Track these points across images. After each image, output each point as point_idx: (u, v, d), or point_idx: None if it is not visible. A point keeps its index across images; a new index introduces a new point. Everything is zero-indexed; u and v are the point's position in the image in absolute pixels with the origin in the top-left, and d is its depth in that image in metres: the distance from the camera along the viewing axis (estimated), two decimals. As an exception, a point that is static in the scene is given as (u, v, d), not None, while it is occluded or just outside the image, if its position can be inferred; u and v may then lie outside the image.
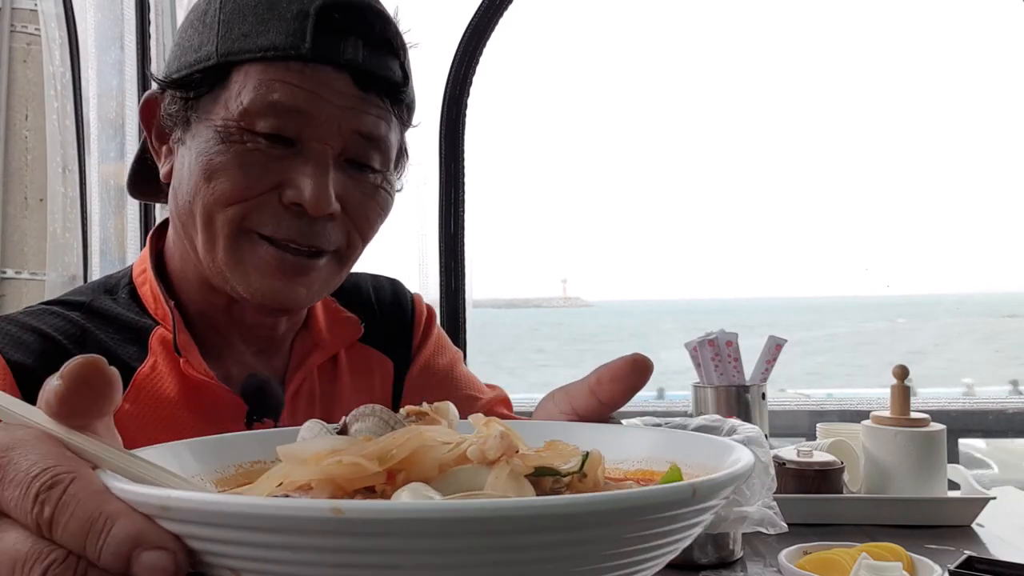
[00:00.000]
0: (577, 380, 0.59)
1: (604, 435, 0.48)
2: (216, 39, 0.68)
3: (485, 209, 28.56)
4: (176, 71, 0.72)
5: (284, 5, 0.68)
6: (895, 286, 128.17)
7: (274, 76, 0.67)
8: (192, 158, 0.70)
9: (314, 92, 0.68)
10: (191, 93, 0.70)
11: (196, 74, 0.70)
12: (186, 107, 0.71)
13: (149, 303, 0.77)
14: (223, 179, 0.68)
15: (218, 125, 0.68)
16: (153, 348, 0.74)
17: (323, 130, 0.69)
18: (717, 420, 1.25)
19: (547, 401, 0.64)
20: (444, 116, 2.05)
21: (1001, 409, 1.97)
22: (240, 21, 0.68)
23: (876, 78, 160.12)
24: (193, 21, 0.72)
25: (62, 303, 0.77)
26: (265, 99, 0.67)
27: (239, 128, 0.68)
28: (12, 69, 1.74)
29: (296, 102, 0.67)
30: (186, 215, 0.71)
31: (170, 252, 0.80)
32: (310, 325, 0.86)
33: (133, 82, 1.90)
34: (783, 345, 1.64)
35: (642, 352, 0.53)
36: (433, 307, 0.99)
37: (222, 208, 0.69)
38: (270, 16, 0.68)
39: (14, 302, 1.72)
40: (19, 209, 1.75)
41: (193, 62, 0.70)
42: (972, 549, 1.09)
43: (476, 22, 2.05)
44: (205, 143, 0.69)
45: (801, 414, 1.92)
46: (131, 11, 1.89)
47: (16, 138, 1.74)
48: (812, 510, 1.30)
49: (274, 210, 0.69)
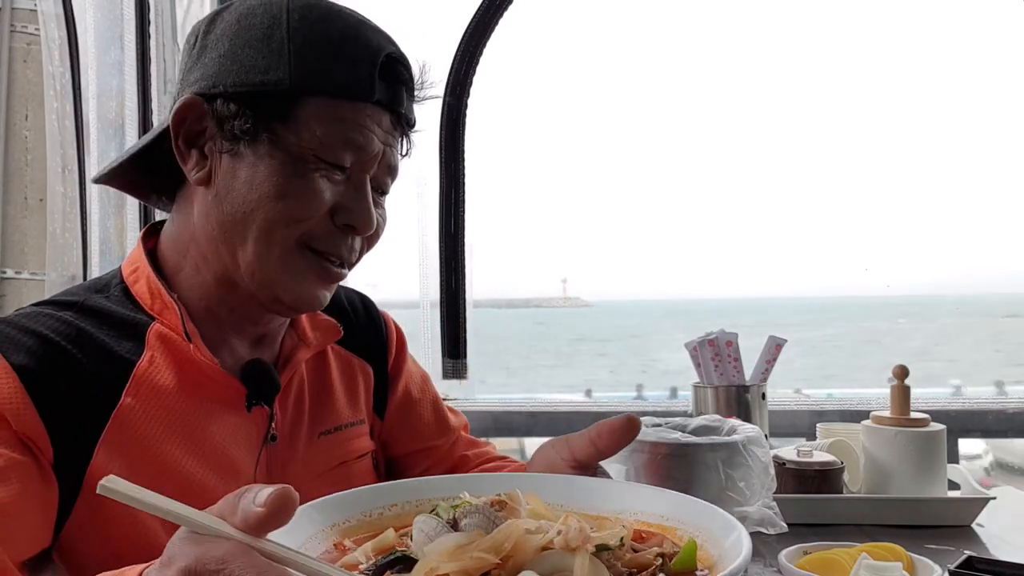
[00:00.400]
0: (576, 433, 0.77)
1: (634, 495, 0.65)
2: (288, 67, 0.74)
3: (485, 209, 28.62)
4: (237, 86, 0.75)
5: (351, 48, 0.76)
6: (895, 286, 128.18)
7: (348, 115, 0.76)
8: (255, 173, 0.75)
9: (371, 131, 0.78)
10: (257, 111, 0.75)
11: (264, 95, 0.75)
12: (247, 122, 0.75)
13: (144, 299, 0.80)
14: (294, 201, 0.75)
15: (292, 149, 0.75)
16: (150, 342, 0.77)
17: (370, 163, 0.79)
18: (717, 420, 1.25)
19: (547, 449, 0.80)
20: (444, 116, 2.05)
21: (1001, 409, 1.97)
22: (312, 54, 0.75)
23: (877, 76, 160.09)
24: (253, 41, 0.75)
25: (53, 303, 0.78)
26: (341, 135, 0.76)
27: (314, 157, 0.76)
28: (12, 69, 1.73)
29: (363, 141, 0.77)
30: (235, 222, 0.77)
31: (167, 251, 0.83)
32: (295, 324, 0.92)
33: (133, 82, 1.90)
34: (783, 345, 1.64)
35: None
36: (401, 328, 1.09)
37: (286, 225, 0.76)
38: (340, 56, 0.76)
39: (14, 302, 1.72)
40: (19, 209, 1.74)
41: (261, 83, 0.75)
42: (972, 549, 1.09)
43: (476, 22, 2.05)
44: (277, 163, 0.75)
45: (801, 414, 1.92)
46: (131, 11, 1.89)
47: (16, 138, 1.74)
48: (812, 510, 1.30)
49: (329, 230, 0.78)
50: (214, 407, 0.80)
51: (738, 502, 1.08)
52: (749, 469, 1.10)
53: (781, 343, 1.64)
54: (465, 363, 2.10)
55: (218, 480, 0.78)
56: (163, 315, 0.79)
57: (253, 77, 0.75)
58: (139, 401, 0.74)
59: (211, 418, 0.79)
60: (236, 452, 0.80)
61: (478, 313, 2.19)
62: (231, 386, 0.81)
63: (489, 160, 47.19)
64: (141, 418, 0.74)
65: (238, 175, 0.76)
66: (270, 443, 0.84)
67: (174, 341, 0.78)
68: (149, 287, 0.80)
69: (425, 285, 2.13)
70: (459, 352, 2.10)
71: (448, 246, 2.08)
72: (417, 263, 2.11)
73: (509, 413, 2.11)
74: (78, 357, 0.73)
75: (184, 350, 0.78)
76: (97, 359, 0.74)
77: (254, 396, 0.82)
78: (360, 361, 0.99)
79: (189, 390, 0.78)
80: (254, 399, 0.82)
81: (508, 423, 2.11)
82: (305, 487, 0.86)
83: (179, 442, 0.76)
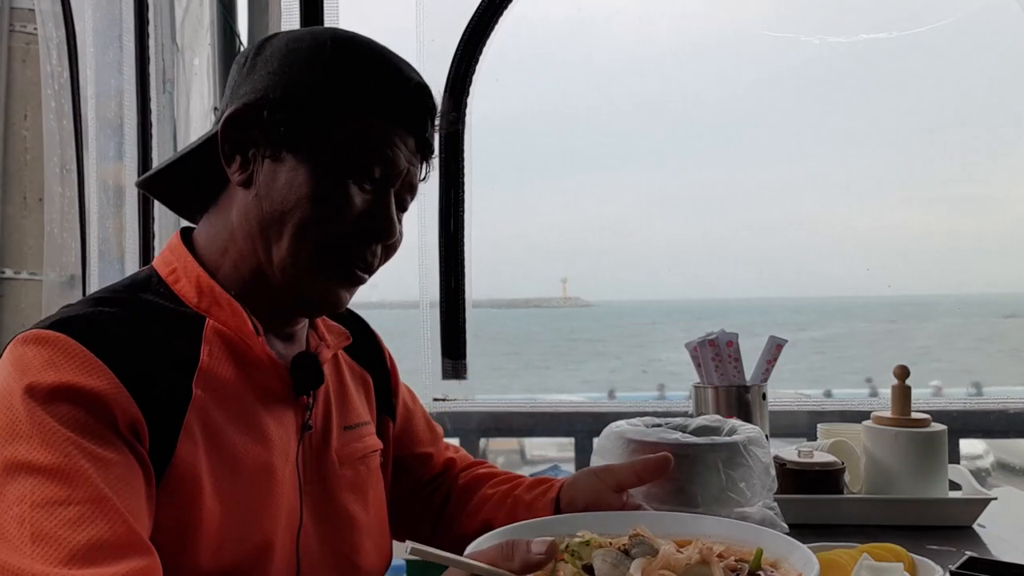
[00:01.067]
0: (616, 464, 0.98)
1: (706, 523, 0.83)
2: (330, 85, 0.83)
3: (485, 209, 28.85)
4: (284, 98, 0.83)
5: (385, 74, 0.86)
6: (896, 286, 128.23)
7: (380, 133, 0.84)
8: (295, 176, 0.82)
9: (399, 149, 0.85)
10: (299, 121, 0.82)
11: (307, 108, 0.82)
12: (291, 130, 0.82)
13: (190, 298, 0.84)
14: (329, 205, 0.82)
15: (329, 158, 0.82)
16: (208, 337, 0.82)
17: (396, 178, 0.86)
18: (717, 420, 1.25)
19: (590, 479, 0.98)
20: (444, 115, 2.04)
21: (1002, 409, 1.97)
22: (351, 76, 0.84)
23: (878, 74, 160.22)
24: (300, 62, 0.84)
25: (106, 301, 0.81)
26: (373, 150, 0.83)
27: (348, 167, 0.83)
28: (11, 69, 1.73)
29: (392, 157, 0.85)
30: (273, 220, 0.83)
31: (204, 251, 0.88)
32: (315, 324, 0.97)
33: (132, 82, 1.90)
34: (783, 345, 1.64)
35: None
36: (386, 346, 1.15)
37: (319, 226, 0.82)
38: (375, 81, 0.85)
39: (13, 302, 1.72)
40: (18, 209, 1.74)
41: (306, 97, 0.83)
42: (973, 550, 1.09)
43: (476, 22, 2.05)
44: (316, 169, 0.82)
45: (801, 414, 1.92)
46: (129, 11, 1.89)
47: (15, 138, 1.74)
48: (813, 510, 1.29)
49: (357, 238, 0.85)
50: (267, 397, 0.85)
51: (739, 503, 1.08)
52: (750, 469, 1.09)
53: (782, 343, 1.63)
54: (465, 363, 2.10)
55: (282, 463, 0.84)
56: (212, 312, 0.84)
57: (298, 91, 0.83)
58: (207, 393, 0.79)
59: (264, 407, 0.85)
60: (285, 440, 0.86)
61: (478, 313, 2.18)
62: (282, 378, 0.87)
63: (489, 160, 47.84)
64: (211, 409, 0.79)
65: (279, 178, 0.83)
66: (307, 432, 0.90)
67: (229, 336, 0.83)
68: (199, 286, 0.84)
69: (425, 285, 2.13)
70: (459, 352, 2.10)
71: (448, 246, 2.08)
72: (417, 263, 2.11)
73: (509, 413, 2.12)
74: (153, 350, 0.77)
75: (238, 344, 0.83)
76: (167, 353, 0.78)
77: (299, 388, 0.88)
78: (360, 369, 1.05)
79: (245, 382, 0.83)
80: (298, 391, 0.88)
81: (508, 423, 2.11)
82: (336, 476, 0.92)
83: (243, 430, 0.82)
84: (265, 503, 0.82)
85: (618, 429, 1.16)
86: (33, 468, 0.67)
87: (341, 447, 0.94)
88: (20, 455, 0.67)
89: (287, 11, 2.06)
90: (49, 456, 0.67)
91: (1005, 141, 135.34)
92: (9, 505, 0.66)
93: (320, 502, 0.90)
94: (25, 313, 1.73)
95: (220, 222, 0.87)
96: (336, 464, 0.92)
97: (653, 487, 1.09)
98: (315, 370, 0.90)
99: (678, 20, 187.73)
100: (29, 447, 0.67)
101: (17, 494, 0.66)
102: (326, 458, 0.92)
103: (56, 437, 0.68)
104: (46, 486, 0.66)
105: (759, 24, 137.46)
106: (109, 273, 1.86)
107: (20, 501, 0.66)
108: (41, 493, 0.66)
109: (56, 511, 0.65)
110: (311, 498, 0.89)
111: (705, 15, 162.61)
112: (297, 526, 0.86)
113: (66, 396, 0.69)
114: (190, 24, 2.08)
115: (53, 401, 0.69)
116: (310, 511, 0.88)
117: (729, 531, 0.81)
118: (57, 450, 0.67)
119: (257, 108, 0.83)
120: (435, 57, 2.06)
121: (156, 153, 1.94)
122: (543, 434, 2.17)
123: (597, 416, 2.02)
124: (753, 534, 0.79)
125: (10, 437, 0.68)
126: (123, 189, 1.90)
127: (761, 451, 1.11)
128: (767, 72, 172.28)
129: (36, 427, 0.68)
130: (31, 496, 0.66)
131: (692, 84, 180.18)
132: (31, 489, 0.66)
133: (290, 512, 0.85)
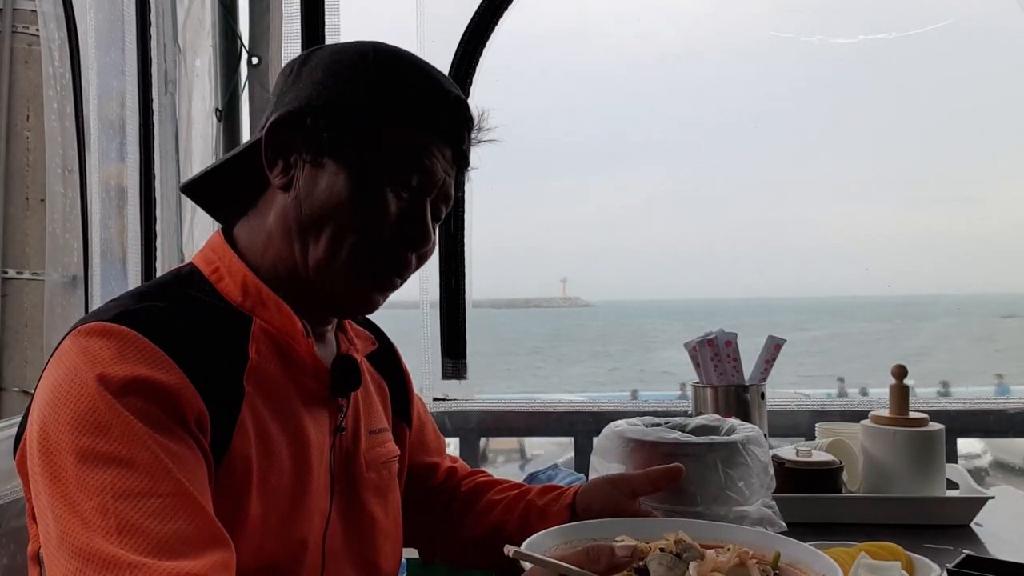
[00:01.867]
0: (630, 473, 1.03)
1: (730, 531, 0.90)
2: (372, 96, 0.85)
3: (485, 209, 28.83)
4: (328, 106, 0.85)
5: (426, 87, 0.87)
6: (896, 286, 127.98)
7: (418, 143, 0.86)
8: (336, 181, 0.84)
9: (436, 159, 0.87)
10: (342, 129, 0.84)
11: (350, 116, 0.85)
12: (333, 137, 0.84)
13: (234, 296, 0.85)
14: (366, 211, 0.84)
15: (369, 166, 0.84)
16: (255, 335, 0.83)
17: (432, 187, 0.88)
18: (716, 420, 1.25)
19: (605, 487, 1.01)
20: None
21: (1002, 409, 1.97)
22: (392, 88, 0.86)
23: (878, 75, 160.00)
24: (344, 72, 0.86)
25: (154, 296, 0.82)
26: (411, 159, 0.85)
27: (387, 176, 0.84)
28: (13, 70, 1.74)
29: (429, 166, 0.86)
30: (312, 222, 0.84)
31: (244, 251, 0.89)
32: (344, 328, 0.99)
33: (134, 83, 1.90)
34: (782, 345, 1.65)
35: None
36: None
37: (356, 231, 0.84)
38: (416, 93, 0.86)
39: (15, 302, 1.72)
40: (20, 209, 1.75)
41: (348, 106, 0.85)
42: (971, 548, 1.10)
43: (476, 22, 2.06)
44: (356, 176, 0.84)
45: (800, 414, 1.92)
46: (131, 12, 1.89)
47: (17, 139, 1.74)
48: (811, 509, 1.30)
49: (392, 246, 0.86)
50: (306, 397, 0.87)
51: (737, 501, 1.08)
52: (748, 469, 1.10)
53: (780, 343, 1.64)
54: (465, 363, 2.10)
55: (317, 462, 0.86)
56: (257, 311, 0.85)
57: (342, 100, 0.85)
58: (256, 390, 0.81)
59: (304, 407, 0.86)
60: (321, 440, 0.88)
61: (478, 313, 2.19)
62: (321, 379, 0.89)
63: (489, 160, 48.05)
64: (259, 406, 0.81)
65: (319, 183, 0.84)
66: (340, 433, 0.91)
67: (275, 336, 0.85)
68: (244, 285, 0.86)
69: (425, 285, 2.13)
70: (459, 352, 2.10)
71: (448, 246, 2.09)
72: (417, 263, 2.11)
73: (509, 413, 2.12)
74: (208, 346, 0.78)
75: (284, 344, 0.85)
76: (220, 349, 0.79)
77: (337, 389, 0.90)
78: (379, 376, 1.06)
79: (289, 382, 0.85)
80: (336, 392, 0.90)
81: (508, 423, 2.11)
82: (363, 479, 0.93)
83: (286, 428, 0.83)
84: (303, 501, 0.83)
85: (618, 429, 1.17)
86: (113, 459, 0.68)
87: (368, 450, 0.95)
88: (99, 446, 0.68)
89: (288, 13, 2.07)
90: (128, 448, 0.68)
91: (1005, 141, 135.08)
92: (91, 494, 0.66)
93: (347, 503, 0.91)
94: (28, 313, 1.73)
95: (259, 224, 0.89)
96: (364, 467, 0.94)
97: (653, 486, 1.09)
98: (355, 373, 0.92)
99: (678, 20, 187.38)
100: (108, 439, 0.68)
101: (98, 484, 0.67)
102: (355, 460, 0.93)
103: (133, 429, 0.69)
104: (128, 477, 0.67)
105: (759, 24, 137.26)
106: (111, 273, 1.86)
107: (102, 491, 0.66)
108: (123, 484, 0.67)
109: (140, 502, 0.66)
110: (339, 498, 0.90)
111: (705, 15, 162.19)
112: (325, 525, 0.88)
113: (138, 389, 0.71)
114: (192, 26, 2.08)
115: (127, 394, 0.70)
116: (338, 511, 0.90)
117: (757, 540, 0.88)
118: (136, 442, 0.68)
119: (301, 115, 0.85)
120: (435, 57, 2.06)
121: (158, 154, 1.94)
122: (543, 433, 2.16)
123: (597, 416, 2.02)
124: (778, 543, 0.87)
125: (87, 427, 0.69)
126: (125, 190, 1.90)
127: (760, 450, 1.12)
128: (767, 72, 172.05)
129: (115, 418, 0.69)
130: (112, 486, 0.66)
131: (692, 84, 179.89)
132: (112, 480, 0.67)
133: (321, 511, 0.87)
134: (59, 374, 0.72)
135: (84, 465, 0.67)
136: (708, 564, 0.77)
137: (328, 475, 0.89)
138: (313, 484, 0.85)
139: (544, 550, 0.82)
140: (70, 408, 0.69)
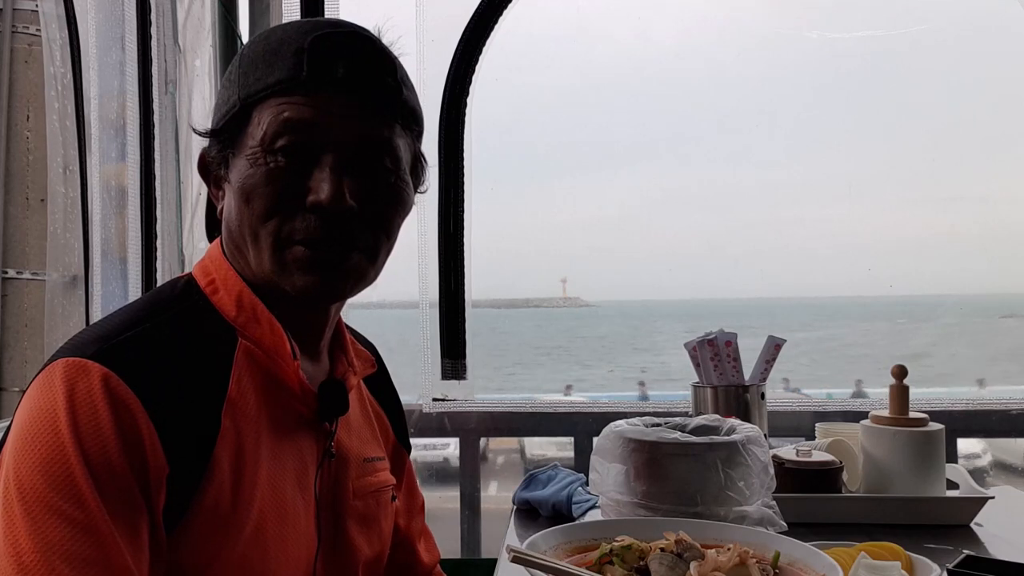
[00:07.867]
0: None
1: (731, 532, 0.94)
2: (238, 89, 0.82)
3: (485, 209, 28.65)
4: (215, 124, 0.85)
5: (284, 47, 0.81)
6: (898, 286, 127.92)
7: (283, 102, 0.79)
8: (233, 189, 0.82)
9: (318, 109, 0.79)
10: (225, 138, 0.83)
11: (227, 122, 0.83)
12: (223, 151, 0.83)
13: (228, 311, 0.83)
14: (257, 198, 0.80)
15: (247, 155, 0.81)
16: (239, 361, 0.81)
17: (331, 141, 0.80)
18: (716, 420, 1.26)
19: None
20: (444, 116, 2.05)
21: (1004, 409, 1.97)
22: (253, 70, 0.82)
23: (878, 73, 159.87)
24: (225, 83, 0.85)
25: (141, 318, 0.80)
26: (278, 120, 0.79)
27: (263, 151, 0.79)
28: (14, 70, 1.74)
29: (304, 116, 0.79)
30: (238, 237, 0.82)
31: (234, 263, 0.87)
32: (344, 346, 0.95)
33: (134, 83, 1.90)
34: (782, 345, 1.65)
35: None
36: None
37: (262, 223, 0.80)
38: (275, 59, 0.81)
39: (16, 301, 1.72)
40: (20, 209, 1.75)
41: (224, 113, 0.83)
42: (971, 548, 1.10)
43: (476, 22, 2.06)
44: (240, 173, 0.81)
45: (800, 414, 1.92)
46: (132, 12, 1.89)
47: (18, 139, 1.74)
48: (811, 509, 1.30)
49: (302, 217, 0.80)
50: (291, 421, 0.84)
51: (737, 502, 1.08)
52: (748, 468, 1.10)
53: (780, 343, 1.64)
54: (464, 363, 2.10)
55: (297, 493, 0.83)
56: (248, 328, 0.83)
57: (221, 111, 0.84)
58: (234, 421, 0.78)
59: (288, 431, 0.84)
60: (306, 465, 0.85)
61: (478, 313, 2.19)
62: (309, 403, 0.86)
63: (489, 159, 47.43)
64: (237, 438, 0.78)
65: (228, 196, 0.84)
66: (328, 459, 0.88)
67: (260, 358, 0.82)
68: (239, 300, 0.83)
69: (424, 285, 2.13)
70: (458, 352, 2.10)
71: (448, 246, 2.08)
72: (416, 263, 2.11)
73: (509, 413, 2.12)
74: (187, 380, 0.76)
75: (269, 367, 0.83)
76: (199, 384, 0.77)
77: (323, 415, 0.87)
78: (377, 404, 1.04)
79: (272, 406, 0.83)
80: (322, 417, 0.87)
81: (508, 423, 2.11)
82: (347, 506, 0.90)
83: (267, 456, 0.81)
84: (284, 532, 0.81)
85: (618, 429, 1.17)
86: (71, 520, 0.67)
87: (357, 478, 0.93)
88: (60, 503, 0.67)
89: (288, 13, 2.07)
90: (86, 514, 0.67)
91: (1006, 141, 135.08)
92: (41, 549, 0.66)
93: (331, 531, 0.89)
94: (28, 313, 1.73)
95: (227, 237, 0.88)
96: (350, 494, 0.91)
97: (653, 486, 1.09)
98: (341, 397, 0.88)
99: (678, 19, 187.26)
100: (70, 499, 0.68)
101: (51, 540, 0.66)
102: (343, 487, 0.91)
103: (96, 495, 0.68)
104: (82, 543, 0.67)
105: (758, 21, 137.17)
106: (111, 273, 1.87)
107: (51, 548, 0.66)
108: (76, 548, 0.66)
109: (83, 571, 0.66)
110: (324, 526, 0.88)
111: (705, 14, 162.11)
112: (314, 554, 0.86)
113: (105, 449, 0.69)
114: (192, 25, 2.08)
115: (95, 453, 0.69)
116: (322, 539, 0.87)
117: (757, 539, 0.90)
118: (97, 511, 0.68)
119: (209, 144, 0.86)
120: (435, 57, 2.07)
121: (158, 154, 1.94)
122: (543, 434, 2.17)
123: (597, 416, 2.02)
124: (778, 543, 0.89)
125: (54, 480, 0.68)
126: (125, 190, 1.91)
127: (760, 450, 1.12)
128: (767, 71, 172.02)
129: (82, 476, 0.68)
130: (61, 547, 0.66)
131: (692, 83, 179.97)
132: (63, 539, 0.66)
133: (308, 541, 0.85)
134: (34, 412, 0.71)
135: (41, 516, 0.67)
136: (708, 564, 0.78)
137: (314, 502, 0.86)
138: (294, 514, 0.83)
139: (544, 550, 0.82)
140: (39, 453, 0.69)
